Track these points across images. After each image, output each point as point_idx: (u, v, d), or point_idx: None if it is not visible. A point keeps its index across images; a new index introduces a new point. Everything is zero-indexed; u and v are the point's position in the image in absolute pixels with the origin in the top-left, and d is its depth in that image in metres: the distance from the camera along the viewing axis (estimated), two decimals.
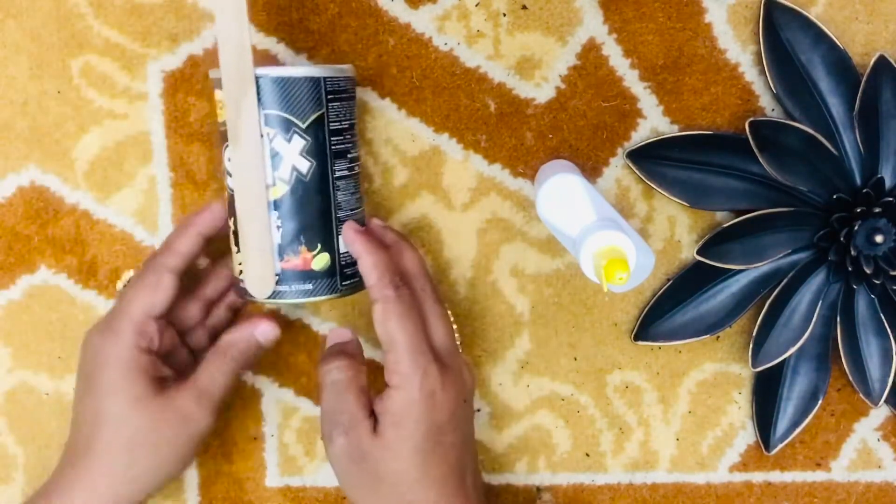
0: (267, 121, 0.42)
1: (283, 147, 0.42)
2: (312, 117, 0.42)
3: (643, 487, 0.54)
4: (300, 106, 0.42)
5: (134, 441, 0.43)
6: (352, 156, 0.44)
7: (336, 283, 0.44)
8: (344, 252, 0.44)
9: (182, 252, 0.45)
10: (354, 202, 0.45)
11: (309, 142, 0.42)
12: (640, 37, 0.49)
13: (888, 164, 0.48)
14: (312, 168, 0.42)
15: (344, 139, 0.43)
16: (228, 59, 0.41)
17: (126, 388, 0.43)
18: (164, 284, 0.44)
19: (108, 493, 0.43)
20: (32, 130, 0.50)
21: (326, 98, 0.42)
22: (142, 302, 0.43)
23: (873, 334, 0.50)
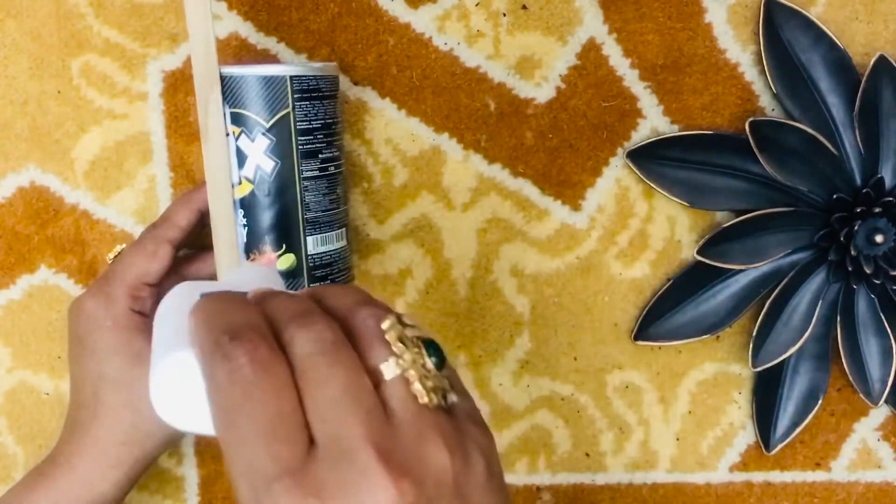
0: (232, 119, 0.42)
1: (247, 146, 0.42)
2: (277, 116, 0.42)
3: (643, 487, 0.54)
4: (263, 105, 0.42)
5: (137, 400, 0.43)
6: (325, 156, 0.44)
7: (302, 285, 0.44)
8: (312, 253, 0.44)
9: (181, 226, 0.45)
10: (327, 203, 0.44)
11: (273, 141, 0.42)
12: (640, 37, 0.49)
13: (888, 164, 0.48)
14: (277, 168, 0.42)
15: (314, 139, 0.43)
16: (197, 58, 0.41)
17: (124, 347, 0.43)
18: (160, 254, 0.44)
19: (116, 455, 0.43)
20: (32, 130, 0.50)
21: (293, 97, 0.42)
22: (137, 268, 0.44)
23: (873, 334, 0.50)
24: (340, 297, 0.28)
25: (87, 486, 0.43)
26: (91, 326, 0.43)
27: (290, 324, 0.26)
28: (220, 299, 0.27)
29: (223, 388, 0.25)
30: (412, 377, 0.26)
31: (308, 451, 0.24)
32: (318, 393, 0.25)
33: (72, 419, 0.45)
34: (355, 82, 0.49)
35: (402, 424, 0.25)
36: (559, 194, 0.51)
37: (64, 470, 0.43)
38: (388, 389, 0.26)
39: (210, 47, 0.41)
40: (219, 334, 0.26)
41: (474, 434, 0.27)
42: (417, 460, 0.25)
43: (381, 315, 0.27)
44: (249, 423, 0.24)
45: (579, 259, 0.51)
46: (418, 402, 0.26)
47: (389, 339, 0.26)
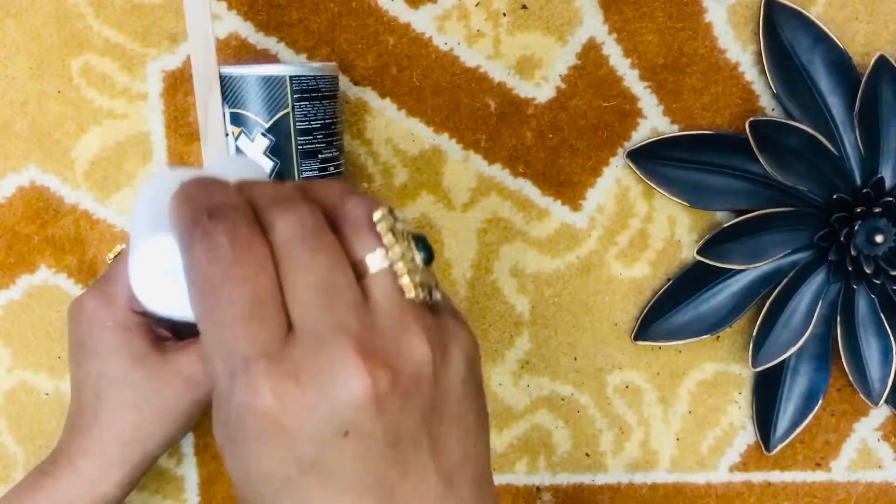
0: (232, 119, 0.42)
1: (247, 146, 0.42)
2: (276, 116, 0.42)
3: (643, 487, 0.54)
4: (263, 105, 0.42)
5: (139, 400, 0.43)
6: (325, 156, 0.44)
7: None
8: None
9: None
10: None
11: (273, 141, 0.42)
12: (640, 36, 0.49)
13: (888, 164, 0.48)
14: (276, 168, 0.42)
15: (314, 139, 0.43)
16: (197, 58, 0.41)
17: (126, 346, 0.43)
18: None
19: (118, 455, 0.43)
20: (32, 130, 0.50)
21: (293, 97, 0.42)
22: None
23: (873, 334, 0.50)
24: (328, 186, 0.28)
25: (88, 486, 0.43)
26: (92, 326, 0.43)
27: (272, 208, 0.25)
28: (201, 181, 0.27)
29: (202, 268, 0.24)
30: (400, 270, 0.25)
31: (286, 335, 0.24)
32: (298, 278, 0.24)
33: (73, 419, 0.45)
34: (355, 82, 0.49)
35: (383, 316, 0.25)
36: (559, 194, 0.51)
37: (65, 470, 0.43)
38: (373, 281, 0.25)
39: (209, 47, 0.41)
40: (199, 213, 0.25)
41: (457, 332, 0.27)
42: (396, 352, 0.24)
43: (371, 205, 0.26)
44: (228, 304, 0.24)
45: (579, 259, 0.51)
46: (403, 296, 0.25)
47: (380, 230, 0.26)
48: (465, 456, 0.27)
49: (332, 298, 0.24)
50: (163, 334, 0.45)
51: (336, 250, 0.25)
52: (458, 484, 0.26)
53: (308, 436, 0.24)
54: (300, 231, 0.25)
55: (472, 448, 0.27)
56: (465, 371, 0.26)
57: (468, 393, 0.27)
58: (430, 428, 0.25)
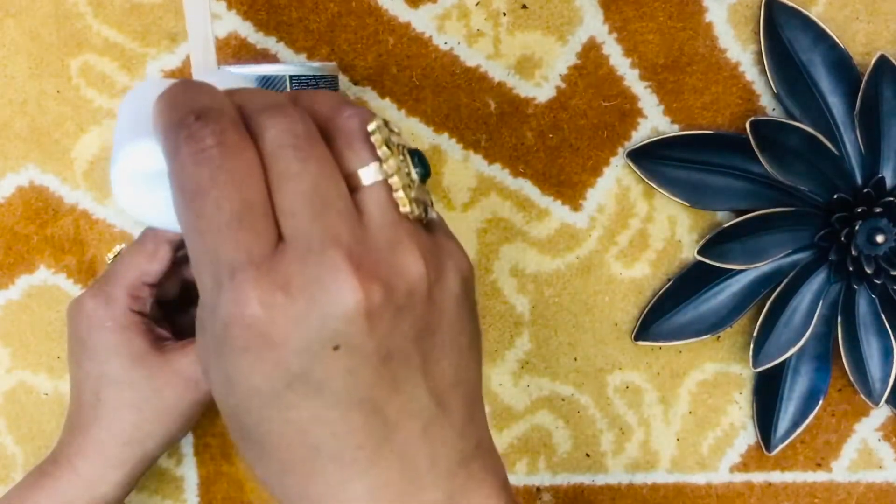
0: None
1: None
2: None
3: (643, 488, 0.54)
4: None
5: (139, 400, 0.43)
6: None
7: None
8: None
9: None
10: None
11: None
12: (640, 36, 0.49)
13: (889, 164, 0.47)
14: None
15: None
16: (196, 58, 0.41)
17: (125, 347, 0.43)
18: (160, 254, 0.44)
19: (117, 455, 0.43)
20: (31, 130, 0.50)
21: None
22: (137, 268, 0.44)
23: (874, 334, 0.50)
24: (321, 96, 0.26)
25: (88, 486, 0.43)
26: (91, 327, 0.43)
27: (262, 114, 0.24)
28: (188, 84, 0.25)
29: (187, 171, 0.23)
30: (395, 184, 0.24)
31: (276, 244, 0.23)
32: (288, 187, 0.23)
33: (72, 419, 0.45)
34: (355, 82, 0.49)
35: (377, 230, 0.24)
36: (559, 194, 0.50)
37: (65, 470, 0.43)
38: (366, 194, 0.24)
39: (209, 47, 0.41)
40: (185, 115, 0.23)
41: (453, 251, 0.26)
42: (389, 266, 0.24)
43: (366, 116, 0.25)
44: (214, 209, 0.23)
45: (579, 259, 0.51)
46: (397, 211, 0.24)
47: (375, 142, 0.24)
48: (456, 378, 0.26)
49: (323, 208, 0.23)
50: (162, 334, 0.45)
51: (328, 159, 0.24)
52: (449, 405, 0.26)
53: (296, 348, 0.23)
54: (291, 138, 0.24)
55: (464, 370, 0.26)
56: (459, 291, 0.26)
57: (462, 314, 0.26)
58: (423, 346, 0.25)
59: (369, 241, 0.24)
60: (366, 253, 0.23)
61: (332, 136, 0.25)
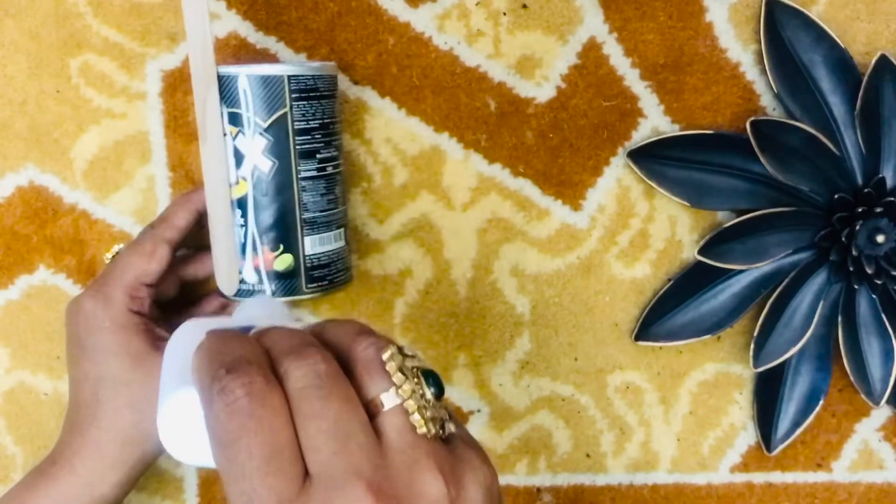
0: (230, 119, 0.42)
1: (245, 146, 0.42)
2: (274, 116, 0.42)
3: (644, 488, 0.54)
4: (261, 104, 0.42)
5: (137, 400, 0.43)
6: (323, 156, 0.44)
7: (299, 285, 0.44)
8: (310, 254, 0.44)
9: (179, 226, 0.45)
10: (325, 204, 0.44)
11: (271, 141, 0.42)
12: (640, 36, 0.49)
13: (889, 164, 0.47)
14: (275, 168, 0.42)
15: (312, 139, 0.43)
16: (195, 57, 0.41)
17: (123, 347, 0.43)
18: (158, 254, 0.44)
19: (116, 455, 0.43)
20: (31, 130, 0.50)
21: (291, 97, 0.42)
22: (135, 268, 0.44)
23: (874, 334, 0.50)
24: (340, 328, 0.29)
25: (87, 486, 0.43)
26: (89, 327, 0.43)
27: (286, 357, 0.26)
28: (220, 336, 0.28)
29: (221, 421, 0.25)
30: (411, 407, 0.26)
31: (303, 482, 0.25)
32: (312, 425, 0.25)
33: (71, 420, 0.44)
34: (355, 82, 0.49)
35: (396, 455, 0.25)
36: (560, 194, 0.50)
37: (64, 471, 0.43)
38: (385, 420, 0.26)
39: (207, 47, 0.41)
40: (217, 369, 0.26)
41: (473, 463, 0.27)
42: (410, 491, 0.25)
43: (381, 345, 0.27)
44: (246, 456, 0.25)
45: (580, 259, 0.51)
46: (415, 433, 0.26)
47: (389, 370, 0.26)
48: None
49: (344, 443, 0.25)
50: (161, 334, 0.45)
51: (348, 395, 0.26)
52: None
53: None
54: (313, 379, 0.26)
55: None
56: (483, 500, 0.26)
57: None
58: None
59: (390, 468, 0.25)
60: (386, 480, 0.25)
61: (352, 365, 0.27)
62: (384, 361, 0.27)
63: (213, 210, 0.43)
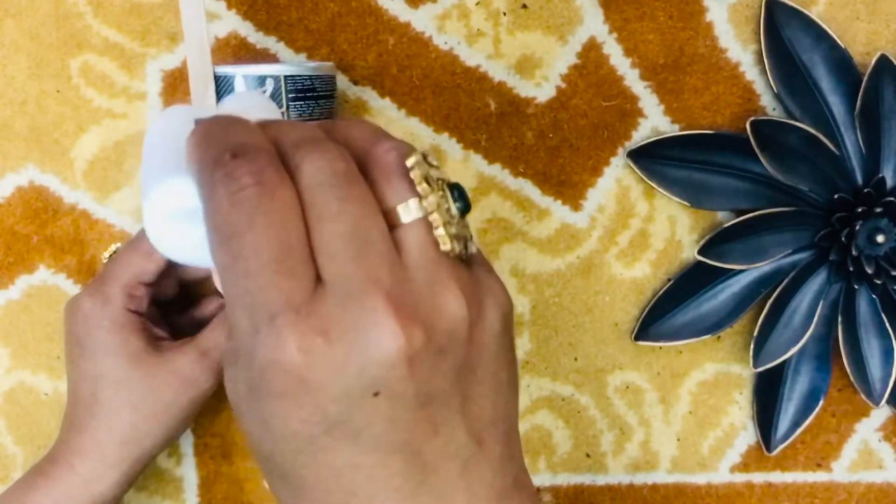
0: None
1: None
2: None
3: (644, 488, 0.54)
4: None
5: (136, 400, 0.43)
6: None
7: None
8: None
9: None
10: None
11: None
12: (640, 36, 0.49)
13: (889, 164, 0.47)
14: None
15: None
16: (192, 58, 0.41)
17: (122, 346, 0.43)
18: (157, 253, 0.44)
19: (115, 454, 0.43)
20: (31, 130, 0.50)
21: (287, 97, 0.42)
22: (133, 267, 0.44)
23: (874, 334, 0.50)
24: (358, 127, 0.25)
25: (86, 485, 0.43)
26: (88, 326, 0.43)
27: (299, 150, 0.23)
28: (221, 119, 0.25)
29: (224, 212, 0.22)
30: (435, 221, 0.24)
31: (315, 287, 0.23)
32: (327, 228, 0.23)
33: (70, 419, 0.45)
34: (355, 82, 0.49)
35: (417, 270, 0.23)
36: (559, 194, 0.50)
37: (63, 470, 0.43)
38: (406, 232, 0.24)
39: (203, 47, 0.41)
40: (221, 152, 0.23)
41: (493, 287, 0.25)
42: (431, 308, 0.23)
43: (404, 150, 0.24)
44: (252, 253, 0.22)
45: (580, 259, 0.51)
46: (438, 249, 0.24)
47: (413, 178, 0.24)
48: (495, 414, 0.26)
49: (363, 250, 0.23)
50: (159, 334, 0.45)
51: (367, 198, 0.23)
52: (488, 442, 0.25)
53: (335, 395, 0.22)
54: (329, 176, 0.23)
55: (502, 407, 0.26)
56: (499, 328, 0.25)
57: (502, 349, 0.26)
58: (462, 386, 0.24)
59: (409, 282, 0.23)
60: (406, 295, 0.23)
61: (369, 170, 0.24)
62: (408, 168, 0.24)
63: None
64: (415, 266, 0.24)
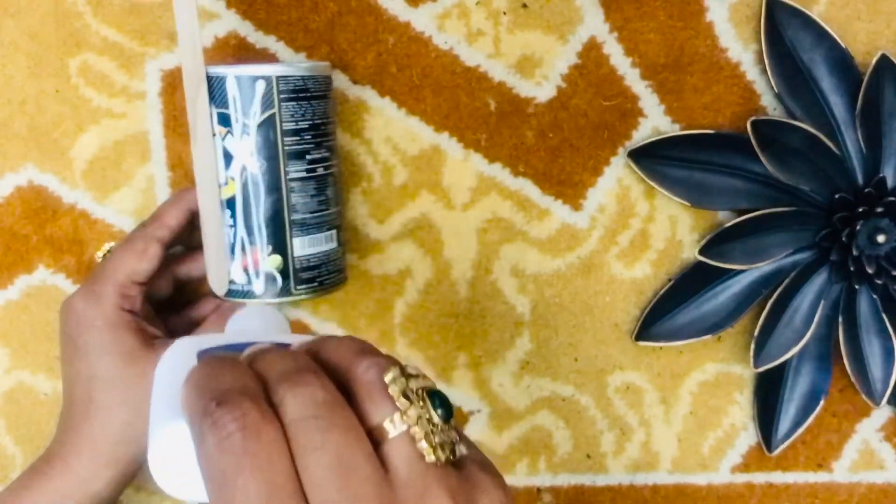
0: (219, 119, 0.42)
1: (234, 146, 0.42)
2: (263, 117, 0.42)
3: (644, 488, 0.54)
4: (249, 105, 0.42)
5: (130, 398, 0.43)
6: (313, 157, 0.43)
7: (289, 287, 0.44)
8: (299, 255, 0.44)
9: (171, 225, 0.45)
10: (315, 205, 0.44)
11: (259, 142, 0.42)
12: (641, 35, 0.49)
13: (890, 164, 0.47)
14: (263, 168, 0.42)
15: (301, 140, 0.43)
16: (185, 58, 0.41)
17: (115, 345, 0.43)
18: (150, 253, 0.44)
19: (110, 453, 0.43)
20: (30, 130, 0.50)
21: (279, 97, 0.42)
22: (127, 267, 0.44)
23: (875, 334, 0.50)
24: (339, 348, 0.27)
25: (82, 484, 0.43)
26: (81, 326, 0.43)
27: (281, 384, 0.25)
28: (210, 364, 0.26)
29: (214, 459, 0.23)
30: (417, 434, 0.25)
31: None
32: (312, 459, 0.23)
33: (65, 418, 0.45)
34: (355, 81, 0.49)
35: (405, 486, 0.24)
36: (560, 194, 0.50)
37: (59, 469, 0.43)
38: (391, 447, 0.24)
39: (196, 47, 0.41)
40: (207, 402, 0.24)
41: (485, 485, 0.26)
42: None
43: (382, 366, 0.26)
44: (243, 497, 0.23)
45: (580, 259, 0.51)
46: (424, 461, 0.24)
47: (392, 394, 0.25)
48: None
49: (348, 477, 0.23)
50: (153, 332, 0.45)
51: (349, 423, 0.24)
52: None
53: None
54: (312, 408, 0.24)
55: None
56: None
57: None
58: None
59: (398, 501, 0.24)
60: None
61: (352, 389, 0.25)
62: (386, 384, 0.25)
63: (203, 210, 0.43)
64: (403, 483, 0.24)
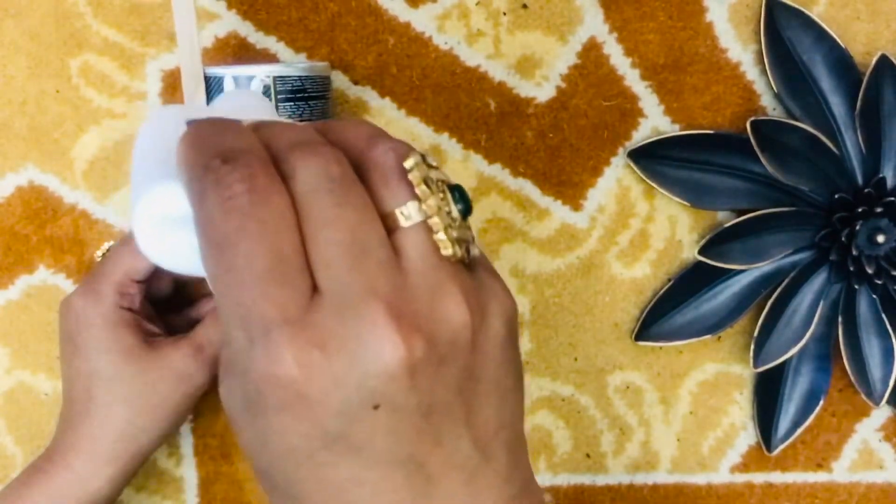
0: None
1: None
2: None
3: (644, 488, 0.54)
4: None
5: (131, 396, 0.43)
6: None
7: None
8: None
9: None
10: None
11: None
12: (640, 36, 0.49)
13: (890, 164, 0.47)
14: None
15: None
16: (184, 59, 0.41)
17: (115, 343, 0.43)
18: None
19: (110, 451, 0.43)
20: (31, 130, 0.50)
21: (277, 98, 0.42)
22: (125, 265, 0.44)
23: (875, 334, 0.50)
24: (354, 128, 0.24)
25: (82, 482, 0.43)
26: (80, 324, 0.43)
27: (292, 153, 0.22)
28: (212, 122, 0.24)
29: (215, 220, 0.21)
30: (435, 225, 0.23)
31: (311, 297, 0.22)
32: (323, 235, 0.22)
33: (65, 416, 0.45)
34: (355, 82, 0.49)
35: (418, 276, 0.23)
36: (560, 194, 0.50)
37: (59, 467, 0.43)
38: (405, 237, 0.23)
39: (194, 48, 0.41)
40: (211, 157, 0.22)
41: (496, 290, 0.24)
42: (431, 316, 0.22)
43: (402, 151, 0.23)
44: (245, 262, 0.21)
45: (580, 259, 0.51)
46: (439, 254, 0.23)
47: (412, 180, 0.23)
48: (500, 423, 0.25)
49: (360, 257, 0.22)
50: (152, 330, 0.45)
51: (365, 203, 0.22)
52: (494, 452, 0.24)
53: (335, 409, 0.22)
54: (325, 181, 0.22)
55: (507, 414, 0.25)
56: (504, 333, 0.24)
57: (506, 356, 0.25)
58: (466, 396, 0.23)
59: (409, 290, 0.22)
60: (406, 303, 0.22)
61: (366, 172, 0.23)
62: (406, 170, 0.23)
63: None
64: (415, 272, 0.23)
